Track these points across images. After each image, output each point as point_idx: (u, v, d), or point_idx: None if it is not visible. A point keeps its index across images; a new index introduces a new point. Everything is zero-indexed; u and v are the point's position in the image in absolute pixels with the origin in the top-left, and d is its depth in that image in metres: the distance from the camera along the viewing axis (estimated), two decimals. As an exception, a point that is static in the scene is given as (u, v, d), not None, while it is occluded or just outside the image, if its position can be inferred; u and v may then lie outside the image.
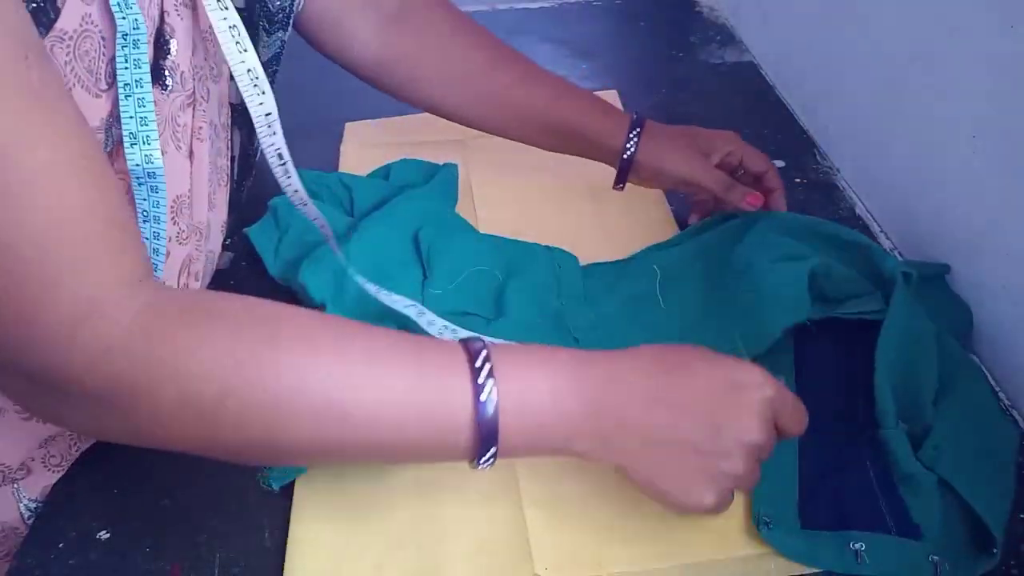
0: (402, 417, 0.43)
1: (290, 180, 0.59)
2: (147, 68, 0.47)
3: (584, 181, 0.80)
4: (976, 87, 0.62)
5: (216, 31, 0.52)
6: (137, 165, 0.48)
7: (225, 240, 0.66)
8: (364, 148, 0.88)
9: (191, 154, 0.55)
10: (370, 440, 0.43)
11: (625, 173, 0.69)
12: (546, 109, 0.70)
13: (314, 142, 0.89)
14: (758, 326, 0.58)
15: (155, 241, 0.52)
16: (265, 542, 0.52)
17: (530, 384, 0.44)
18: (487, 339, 0.46)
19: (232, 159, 0.63)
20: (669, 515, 0.50)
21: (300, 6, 0.62)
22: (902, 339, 0.55)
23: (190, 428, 0.41)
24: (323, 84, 0.99)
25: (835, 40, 0.84)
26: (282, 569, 0.51)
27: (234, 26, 0.52)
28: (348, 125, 0.93)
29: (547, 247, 0.70)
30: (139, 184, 0.49)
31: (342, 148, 0.89)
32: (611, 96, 0.95)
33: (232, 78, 0.56)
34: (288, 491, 0.55)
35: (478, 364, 0.43)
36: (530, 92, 0.70)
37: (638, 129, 0.68)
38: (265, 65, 0.60)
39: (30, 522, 0.58)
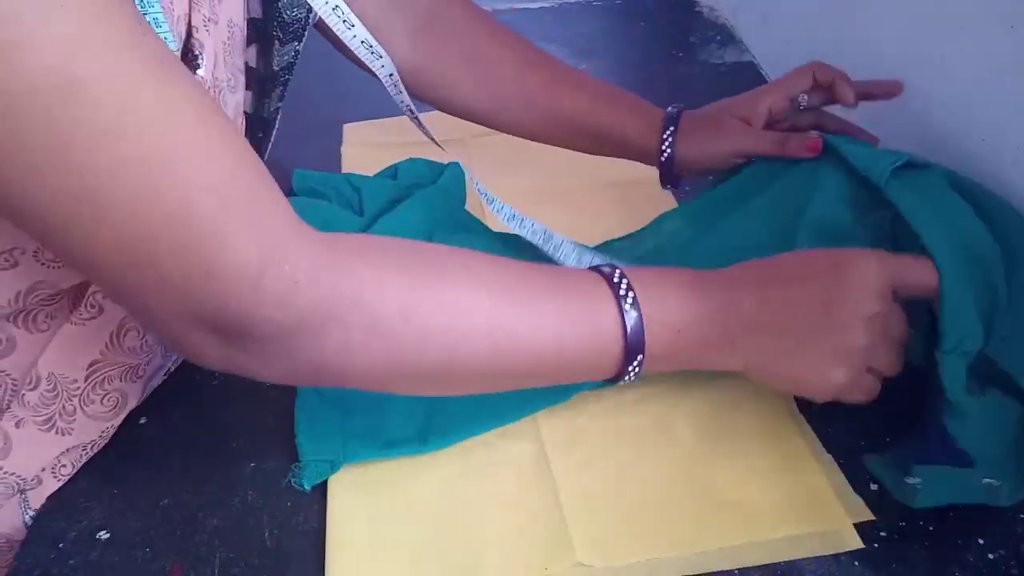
0: (559, 333, 0.47)
1: (421, 127, 0.66)
2: None
3: (586, 180, 0.80)
4: (977, 88, 0.62)
5: (320, 14, 0.57)
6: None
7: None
8: (366, 148, 0.88)
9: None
10: (534, 357, 0.47)
11: (670, 173, 0.68)
12: (576, 112, 0.69)
13: (314, 143, 0.90)
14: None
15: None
16: (265, 542, 0.52)
17: (665, 296, 0.49)
18: (614, 263, 0.51)
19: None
20: (704, 498, 0.51)
21: (316, 18, 0.62)
22: (951, 239, 0.51)
23: (377, 353, 0.44)
24: (323, 86, 1.00)
25: (835, 40, 0.83)
26: (282, 569, 0.51)
27: (337, 7, 0.58)
28: (347, 126, 0.93)
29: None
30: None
31: (343, 150, 0.89)
32: None
33: (248, 87, 0.58)
34: (290, 492, 0.55)
35: (616, 280, 0.49)
36: (560, 95, 0.70)
37: (672, 127, 0.66)
38: (278, 74, 0.61)
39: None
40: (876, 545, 0.50)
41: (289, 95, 0.62)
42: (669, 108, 0.68)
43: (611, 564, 0.49)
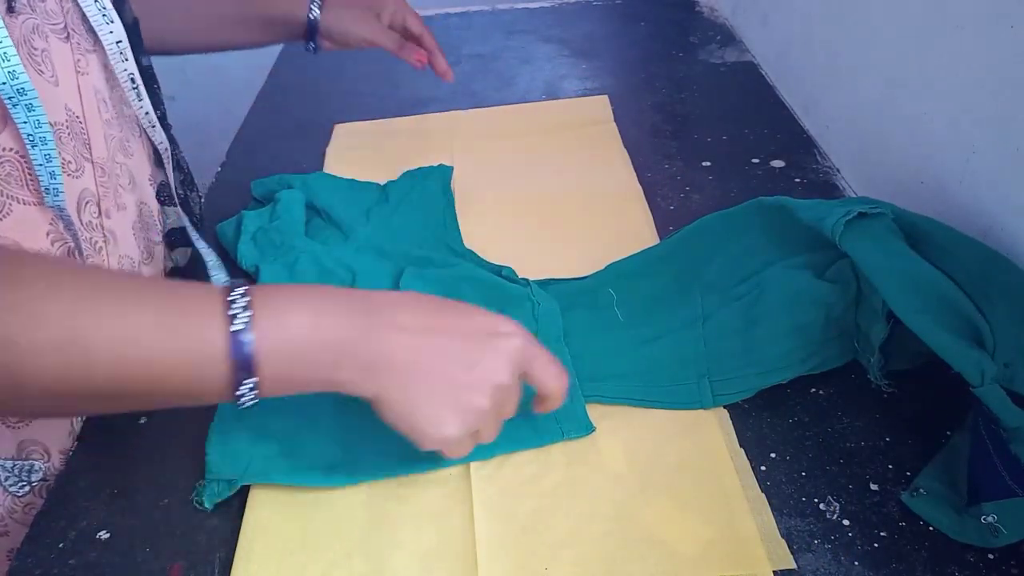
0: (150, 350, 0.42)
1: (141, 103, 0.65)
2: None
3: (566, 189, 0.80)
4: (976, 87, 0.62)
5: None
6: (3, 83, 0.49)
7: (158, 195, 0.69)
8: (350, 150, 0.89)
9: (77, 87, 0.57)
10: (117, 375, 0.42)
11: (313, 35, 0.78)
12: (231, 7, 0.77)
13: (305, 142, 0.90)
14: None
15: (48, 164, 0.52)
16: (265, 542, 0.52)
17: (289, 313, 0.45)
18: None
19: (160, 119, 0.67)
20: (619, 536, 0.50)
21: None
22: (903, 285, 0.52)
23: None
24: (314, 85, 1.00)
25: (835, 40, 0.84)
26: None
27: None
28: (337, 126, 0.93)
29: (528, 288, 0.67)
30: (13, 106, 0.50)
31: (327, 150, 0.89)
32: (602, 101, 0.96)
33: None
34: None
35: (232, 297, 0.44)
36: None
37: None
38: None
39: (8, 484, 0.58)
40: (876, 545, 0.50)
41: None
42: None
43: None
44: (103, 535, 0.53)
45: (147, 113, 0.65)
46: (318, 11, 0.77)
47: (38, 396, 0.43)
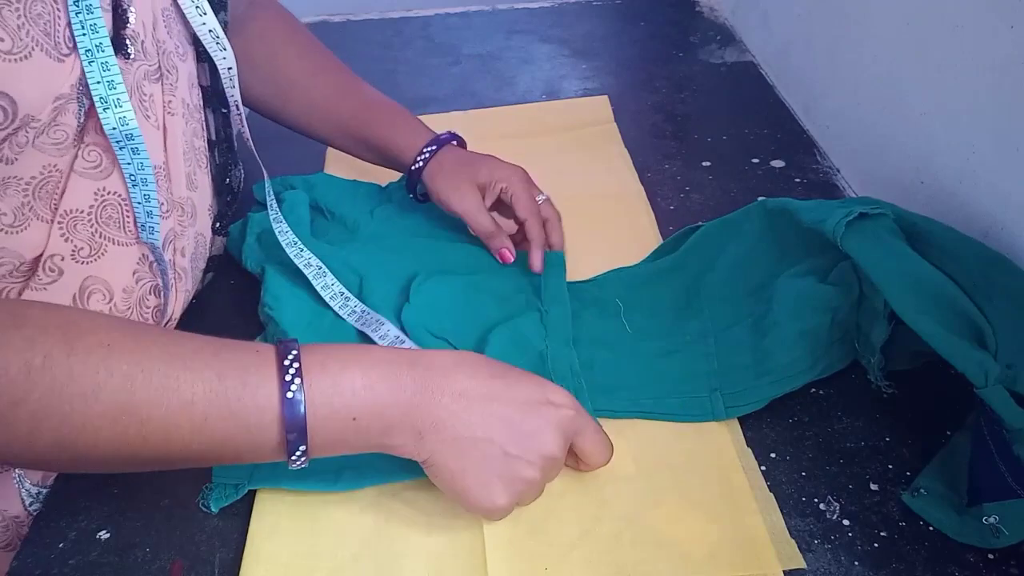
0: (204, 417, 0.42)
1: (243, 128, 0.66)
2: (105, 33, 0.49)
3: (567, 190, 0.80)
4: (976, 87, 0.62)
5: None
6: (114, 128, 0.50)
7: (214, 224, 0.67)
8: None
9: (164, 128, 0.56)
10: (173, 442, 0.43)
11: (413, 184, 0.72)
12: (354, 119, 0.74)
13: (305, 142, 0.89)
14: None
15: (147, 204, 0.54)
16: (265, 542, 0.52)
17: (342, 379, 0.45)
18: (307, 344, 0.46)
19: (210, 143, 0.65)
20: (628, 538, 0.50)
21: None
22: (905, 286, 0.52)
23: None
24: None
25: (835, 40, 0.84)
26: (282, 569, 0.50)
27: None
28: None
29: (537, 299, 0.67)
30: (120, 148, 0.51)
31: (328, 150, 0.88)
32: (602, 101, 0.96)
33: (199, 59, 0.62)
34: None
35: (287, 362, 0.44)
36: (342, 102, 0.74)
37: (433, 148, 0.71)
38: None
39: (32, 509, 0.59)
40: (876, 545, 0.50)
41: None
42: (442, 134, 0.72)
43: None
44: (103, 535, 0.53)
45: (239, 132, 0.67)
46: (422, 165, 0.71)
47: (93, 463, 0.44)
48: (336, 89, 0.75)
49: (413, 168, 0.71)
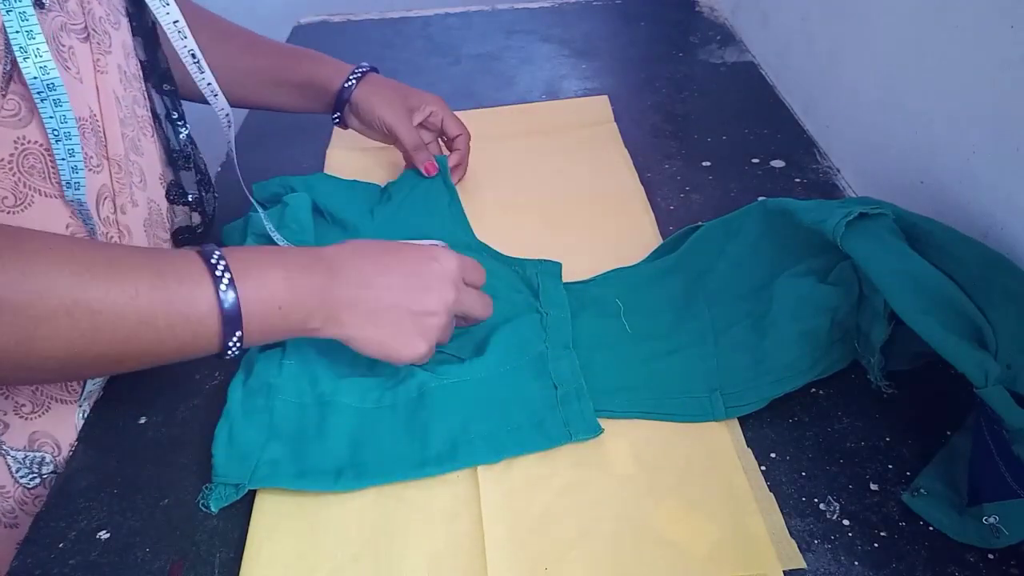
0: (150, 312, 0.48)
1: (203, 75, 0.67)
2: None
3: (567, 190, 0.80)
4: (976, 87, 0.62)
5: (161, 22, 0.60)
6: (35, 78, 0.51)
7: (167, 193, 0.69)
8: (350, 150, 0.89)
9: (96, 86, 0.58)
10: (121, 336, 0.47)
11: (342, 109, 0.78)
12: (271, 68, 0.78)
13: (305, 142, 0.90)
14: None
15: (72, 159, 0.54)
16: (265, 542, 0.52)
17: (266, 275, 0.51)
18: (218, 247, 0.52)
19: (155, 115, 0.67)
20: (628, 537, 0.50)
21: None
22: (905, 286, 0.52)
23: None
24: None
25: (835, 40, 0.84)
26: (282, 569, 0.50)
27: (177, 21, 0.62)
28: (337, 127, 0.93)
29: (537, 300, 0.67)
30: (42, 100, 0.52)
31: (329, 151, 0.89)
32: (602, 101, 0.96)
33: (134, 33, 0.64)
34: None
35: (213, 260, 0.50)
36: (257, 58, 0.79)
37: (359, 72, 0.78)
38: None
39: (19, 476, 0.58)
40: (876, 545, 0.50)
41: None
42: (362, 64, 0.79)
43: None
44: (103, 535, 0.53)
45: (209, 84, 0.68)
46: (355, 83, 0.78)
47: (47, 360, 0.47)
48: (248, 48, 0.79)
49: (345, 86, 0.77)
